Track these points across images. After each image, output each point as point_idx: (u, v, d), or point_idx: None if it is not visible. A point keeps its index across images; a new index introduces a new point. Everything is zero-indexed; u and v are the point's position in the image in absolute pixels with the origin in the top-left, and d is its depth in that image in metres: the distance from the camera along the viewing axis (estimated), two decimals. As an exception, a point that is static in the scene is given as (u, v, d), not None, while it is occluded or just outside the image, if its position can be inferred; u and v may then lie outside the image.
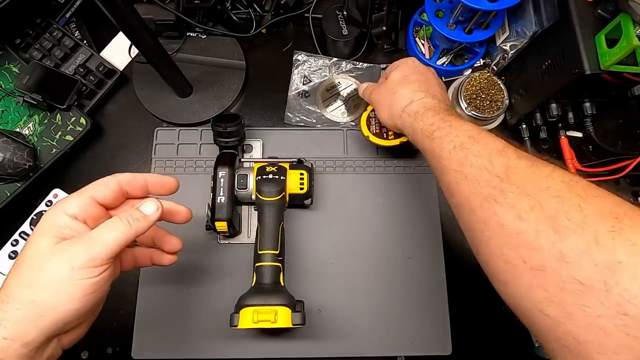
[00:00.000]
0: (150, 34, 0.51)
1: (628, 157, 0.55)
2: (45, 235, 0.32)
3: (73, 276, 0.30)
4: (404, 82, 0.51)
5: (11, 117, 0.63)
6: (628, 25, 0.44)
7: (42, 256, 0.31)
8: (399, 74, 0.52)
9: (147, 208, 0.36)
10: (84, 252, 0.31)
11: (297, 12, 0.70)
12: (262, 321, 0.45)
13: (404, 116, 0.47)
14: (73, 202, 0.34)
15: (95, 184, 0.36)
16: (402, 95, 0.49)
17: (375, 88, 0.56)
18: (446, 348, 0.58)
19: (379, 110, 0.53)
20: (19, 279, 0.31)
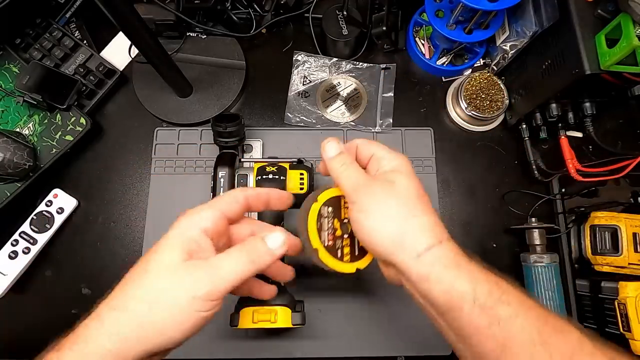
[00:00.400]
0: (150, 34, 0.51)
1: (628, 157, 0.55)
2: (175, 248, 0.31)
3: (191, 305, 0.29)
4: (424, 202, 0.35)
5: (11, 117, 0.63)
6: (628, 25, 0.44)
7: (168, 273, 0.30)
8: (413, 182, 0.35)
9: (274, 241, 0.34)
10: (205, 282, 0.30)
11: (297, 12, 0.70)
12: (262, 321, 0.45)
13: (426, 258, 0.32)
14: (208, 216, 0.33)
15: (226, 198, 0.35)
16: (427, 223, 0.33)
17: (365, 181, 0.36)
18: (446, 348, 0.58)
19: (371, 221, 0.34)
20: (139, 290, 0.30)
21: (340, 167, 0.37)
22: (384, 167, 0.37)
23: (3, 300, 0.59)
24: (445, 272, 0.31)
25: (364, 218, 0.34)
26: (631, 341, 0.51)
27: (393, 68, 0.70)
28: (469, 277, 0.31)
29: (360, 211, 0.35)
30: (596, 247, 0.58)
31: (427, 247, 0.32)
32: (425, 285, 0.32)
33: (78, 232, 0.63)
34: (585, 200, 0.65)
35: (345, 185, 0.36)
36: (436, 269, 0.32)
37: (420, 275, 0.32)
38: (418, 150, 0.66)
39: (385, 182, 0.35)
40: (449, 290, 0.31)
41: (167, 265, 0.30)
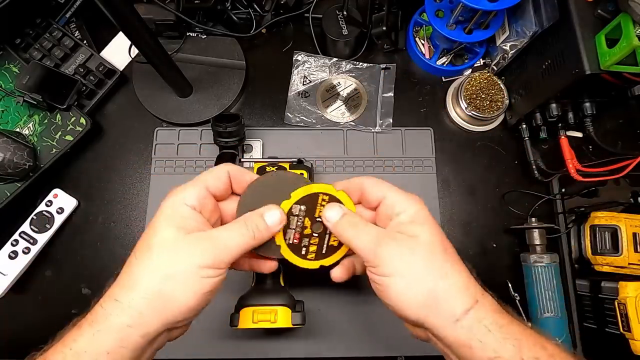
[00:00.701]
0: (150, 34, 0.51)
1: (628, 157, 0.55)
2: (171, 225, 0.31)
3: (199, 273, 0.30)
4: (452, 255, 0.33)
5: (11, 117, 0.63)
6: (628, 25, 0.44)
7: (170, 247, 0.31)
8: (437, 234, 0.33)
9: (271, 218, 0.34)
10: (210, 252, 0.31)
11: (297, 12, 0.70)
12: (262, 321, 0.45)
13: (465, 322, 0.30)
14: (191, 193, 0.33)
15: (208, 175, 0.35)
16: (461, 282, 0.31)
17: (383, 239, 0.33)
18: (446, 348, 0.57)
19: (399, 286, 0.31)
20: (147, 266, 0.30)
21: (350, 229, 0.34)
22: (400, 218, 0.33)
23: (3, 300, 0.59)
24: (489, 337, 0.29)
25: (390, 283, 0.31)
26: (631, 341, 0.51)
27: (393, 68, 0.70)
28: (513, 341, 0.29)
29: (384, 275, 0.32)
30: (596, 247, 0.58)
31: (464, 310, 0.30)
32: (466, 351, 0.29)
33: (78, 232, 0.63)
34: (585, 200, 0.65)
35: (362, 247, 0.33)
36: (478, 334, 0.29)
37: (460, 341, 0.29)
38: (418, 150, 0.66)
39: (408, 238, 0.32)
40: (493, 357, 0.28)
41: (169, 240, 0.31)
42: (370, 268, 0.33)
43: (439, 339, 0.31)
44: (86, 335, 0.28)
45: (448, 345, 0.30)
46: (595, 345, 0.58)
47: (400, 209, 0.34)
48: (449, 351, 0.31)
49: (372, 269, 0.33)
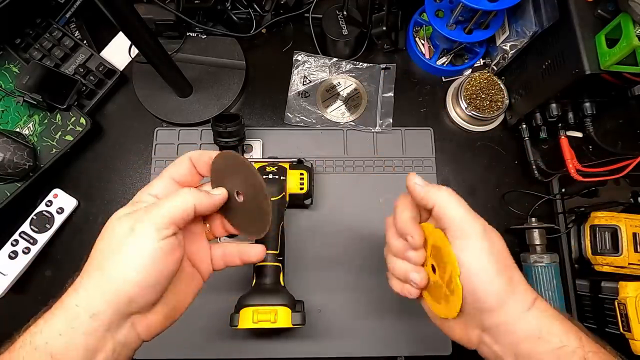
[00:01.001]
0: (150, 34, 0.51)
1: (628, 157, 0.55)
2: (129, 218, 0.32)
3: (135, 241, 0.30)
4: (511, 257, 0.34)
5: (11, 117, 0.63)
6: (628, 25, 0.44)
7: (120, 231, 0.31)
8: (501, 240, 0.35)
9: (214, 190, 0.36)
10: (146, 213, 0.31)
11: (297, 12, 0.70)
12: (262, 321, 0.45)
13: (534, 312, 0.31)
14: (156, 184, 0.35)
15: (171, 166, 0.37)
16: (523, 278, 0.33)
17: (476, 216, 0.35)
18: (446, 348, 0.57)
19: (482, 262, 0.32)
20: (94, 253, 0.32)
21: (441, 191, 0.36)
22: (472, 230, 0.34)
23: (3, 300, 0.59)
24: (555, 327, 0.30)
25: (478, 258, 0.32)
26: (631, 341, 0.51)
27: (393, 68, 0.70)
28: (575, 332, 0.30)
29: (474, 248, 0.32)
30: (596, 247, 0.58)
31: (533, 299, 0.31)
32: (531, 344, 0.30)
33: (78, 232, 0.63)
34: (585, 200, 0.65)
35: (455, 212, 0.35)
36: (546, 323, 0.30)
37: (529, 331, 0.30)
38: (418, 150, 0.66)
39: (490, 229, 0.35)
40: (559, 347, 0.29)
41: (122, 228, 0.31)
42: (460, 239, 0.33)
43: (503, 334, 0.31)
44: (44, 318, 0.29)
45: (513, 341, 0.31)
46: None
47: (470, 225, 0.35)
48: (510, 349, 0.31)
49: (462, 242, 0.33)
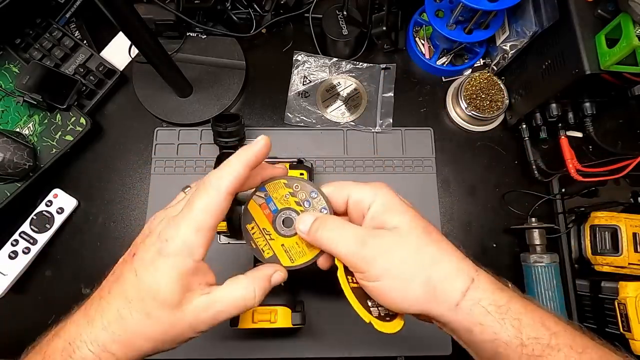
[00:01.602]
0: (150, 34, 0.51)
1: (628, 157, 0.55)
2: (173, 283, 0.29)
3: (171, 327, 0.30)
4: (436, 236, 0.32)
5: (11, 117, 0.63)
6: (628, 25, 0.44)
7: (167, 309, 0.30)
8: (414, 217, 0.32)
9: (276, 279, 0.33)
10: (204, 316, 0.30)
11: (297, 12, 0.69)
12: (262, 321, 0.45)
13: (465, 304, 0.29)
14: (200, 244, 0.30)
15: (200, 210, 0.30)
16: (453, 263, 0.31)
17: (364, 239, 0.31)
18: (446, 348, 0.58)
19: (389, 286, 0.30)
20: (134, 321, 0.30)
21: (323, 232, 0.32)
22: (372, 210, 0.32)
23: (3, 300, 0.59)
24: (488, 318, 0.28)
25: (382, 286, 0.30)
26: (631, 341, 0.51)
27: (393, 68, 0.70)
28: (513, 320, 0.28)
29: (375, 279, 0.30)
30: (596, 247, 0.58)
31: (462, 292, 0.29)
32: (467, 335, 0.29)
33: (78, 232, 0.63)
34: (585, 200, 0.65)
35: (343, 252, 0.31)
36: (478, 316, 0.29)
37: (462, 326, 0.29)
38: (418, 150, 0.66)
39: (389, 233, 0.31)
40: (493, 340, 0.28)
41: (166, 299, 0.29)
42: (359, 275, 0.31)
43: (442, 325, 0.31)
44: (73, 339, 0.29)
45: (452, 330, 0.30)
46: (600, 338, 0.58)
47: (369, 201, 0.32)
48: (454, 335, 0.31)
49: (361, 275, 0.31)
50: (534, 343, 0.28)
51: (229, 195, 0.30)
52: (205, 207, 0.30)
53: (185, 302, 0.29)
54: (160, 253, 0.29)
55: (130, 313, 0.29)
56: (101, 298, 0.30)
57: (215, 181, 0.30)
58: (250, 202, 0.36)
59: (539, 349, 0.28)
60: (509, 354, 0.28)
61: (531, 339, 0.28)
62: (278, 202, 0.35)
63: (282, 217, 0.35)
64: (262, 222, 0.35)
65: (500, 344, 0.28)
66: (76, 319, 0.30)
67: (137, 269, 0.30)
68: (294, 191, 0.36)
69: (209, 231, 0.30)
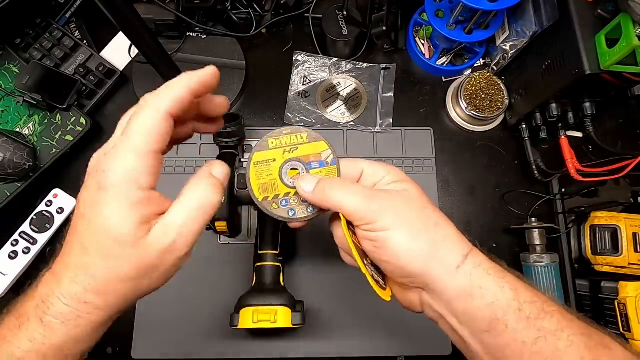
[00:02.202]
0: (150, 34, 0.51)
1: (628, 157, 0.55)
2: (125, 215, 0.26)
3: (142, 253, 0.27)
4: (438, 210, 0.32)
5: (11, 117, 0.63)
6: (628, 25, 0.44)
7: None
8: (421, 190, 0.33)
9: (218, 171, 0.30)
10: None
11: (297, 12, 0.70)
12: (262, 321, 0.45)
13: (466, 268, 0.29)
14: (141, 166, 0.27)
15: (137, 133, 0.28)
16: (454, 230, 0.31)
17: (372, 194, 0.31)
18: (446, 348, 0.57)
19: (396, 236, 0.30)
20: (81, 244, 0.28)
21: (331, 189, 0.32)
22: (384, 179, 0.33)
23: (3, 300, 0.59)
24: (488, 281, 0.29)
25: (389, 236, 0.30)
26: (631, 341, 0.51)
27: (393, 68, 0.70)
28: (510, 285, 0.29)
29: (383, 229, 0.30)
30: (596, 247, 0.58)
31: (463, 255, 0.30)
32: (465, 302, 0.29)
33: (78, 232, 0.63)
34: (585, 200, 0.65)
35: (349, 204, 0.31)
36: (478, 279, 0.29)
37: (460, 290, 0.29)
38: (418, 150, 0.66)
39: (398, 192, 0.32)
40: (493, 302, 0.28)
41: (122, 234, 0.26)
42: (365, 226, 0.31)
43: (437, 294, 0.30)
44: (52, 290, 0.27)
45: (447, 300, 0.30)
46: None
47: (383, 174, 0.33)
48: (447, 309, 0.30)
49: (368, 227, 0.30)
50: (530, 307, 0.28)
51: (168, 116, 0.28)
52: (144, 128, 0.27)
53: (144, 234, 0.26)
54: (100, 187, 0.26)
55: (91, 259, 0.27)
56: (63, 254, 0.28)
57: (153, 99, 0.28)
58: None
59: (535, 313, 0.28)
60: (508, 318, 0.28)
61: (527, 303, 0.28)
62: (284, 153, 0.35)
63: (289, 168, 0.35)
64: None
65: (500, 307, 0.28)
66: (45, 279, 0.28)
67: (84, 212, 0.27)
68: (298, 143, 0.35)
69: (152, 155, 0.27)
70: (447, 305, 0.30)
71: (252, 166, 0.35)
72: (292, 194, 0.35)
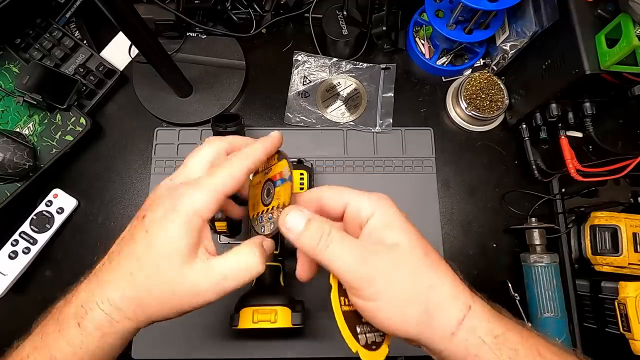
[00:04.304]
0: (150, 34, 0.51)
1: (628, 157, 0.55)
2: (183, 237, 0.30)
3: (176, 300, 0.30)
4: (435, 258, 0.30)
5: (11, 117, 0.63)
6: (628, 25, 0.44)
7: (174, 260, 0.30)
8: (415, 236, 0.30)
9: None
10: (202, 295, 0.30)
11: (297, 12, 0.69)
12: (262, 321, 0.45)
13: (461, 334, 0.28)
14: (210, 207, 0.30)
15: (222, 178, 0.31)
16: (451, 289, 0.29)
17: (363, 255, 0.28)
18: (446, 348, 0.57)
19: (385, 308, 0.28)
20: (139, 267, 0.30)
21: (321, 243, 0.29)
22: (371, 223, 0.29)
23: (3, 300, 0.59)
24: (484, 349, 0.27)
25: (378, 307, 0.28)
26: (631, 341, 0.51)
27: (393, 68, 0.70)
28: (509, 351, 0.27)
29: (370, 299, 0.28)
30: (596, 247, 0.58)
31: (458, 320, 0.28)
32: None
33: (78, 232, 0.63)
34: (585, 200, 0.65)
35: (343, 267, 0.28)
36: (473, 348, 0.27)
37: (456, 356, 0.28)
38: (418, 150, 0.66)
39: (388, 250, 0.29)
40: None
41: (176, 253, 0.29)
42: (353, 292, 0.29)
43: (435, 352, 0.29)
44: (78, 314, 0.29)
45: (444, 358, 0.29)
46: (595, 345, 0.58)
47: (368, 212, 0.30)
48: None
49: (355, 293, 0.28)
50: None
51: (249, 172, 0.32)
52: (231, 177, 0.31)
53: (193, 258, 0.29)
54: (173, 209, 0.29)
55: (140, 269, 0.29)
56: (111, 261, 0.30)
57: (245, 154, 0.33)
58: None
59: None
60: None
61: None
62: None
63: (266, 188, 0.36)
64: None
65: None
66: (87, 284, 0.30)
67: (148, 227, 0.30)
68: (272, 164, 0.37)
69: (224, 197, 0.31)
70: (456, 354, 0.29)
71: (250, 189, 0.38)
72: (264, 212, 0.35)
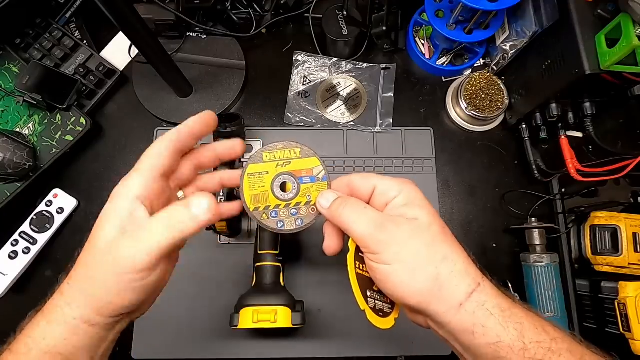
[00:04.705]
0: (150, 34, 0.51)
1: (628, 157, 0.55)
2: (112, 224, 0.31)
3: (122, 279, 0.29)
4: (451, 237, 0.32)
5: (11, 117, 0.63)
6: (628, 25, 0.44)
7: (103, 250, 0.30)
8: (435, 215, 0.32)
9: (197, 208, 0.30)
10: (128, 260, 0.29)
11: (297, 12, 0.70)
12: (262, 321, 0.45)
13: (469, 306, 0.29)
14: (137, 183, 0.31)
15: (150, 157, 0.32)
16: (462, 264, 0.30)
17: (381, 221, 0.31)
18: (446, 348, 0.57)
19: (400, 273, 0.30)
20: (84, 267, 0.32)
21: (344, 210, 0.32)
22: (396, 201, 0.32)
23: (3, 300, 0.59)
24: (491, 320, 0.28)
25: (391, 271, 0.30)
26: (631, 341, 0.51)
27: (393, 68, 0.70)
28: (515, 324, 0.28)
29: (386, 262, 0.30)
30: (596, 247, 0.58)
31: (467, 293, 0.29)
32: (467, 338, 0.29)
33: (78, 232, 0.63)
34: (585, 200, 0.65)
35: (357, 230, 0.31)
36: (481, 318, 0.28)
37: (463, 327, 0.29)
38: (418, 150, 0.66)
39: (407, 221, 0.31)
40: (495, 342, 0.28)
41: (107, 242, 0.30)
42: (369, 255, 0.31)
43: (441, 325, 0.30)
44: (41, 325, 0.32)
45: (450, 331, 0.30)
46: (595, 345, 0.58)
47: (395, 193, 0.32)
48: (451, 338, 0.30)
49: (372, 257, 0.31)
50: (536, 347, 0.28)
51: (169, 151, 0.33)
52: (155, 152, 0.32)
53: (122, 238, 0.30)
54: (110, 201, 0.32)
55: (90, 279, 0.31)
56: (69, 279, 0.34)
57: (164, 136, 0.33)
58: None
59: (541, 353, 0.28)
60: (511, 358, 0.28)
61: (533, 343, 0.28)
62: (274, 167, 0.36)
63: (280, 182, 0.36)
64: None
65: (503, 347, 0.28)
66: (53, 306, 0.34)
67: (92, 233, 0.32)
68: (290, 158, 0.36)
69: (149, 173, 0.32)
70: (450, 336, 0.30)
71: (246, 177, 0.35)
72: (281, 207, 0.35)
